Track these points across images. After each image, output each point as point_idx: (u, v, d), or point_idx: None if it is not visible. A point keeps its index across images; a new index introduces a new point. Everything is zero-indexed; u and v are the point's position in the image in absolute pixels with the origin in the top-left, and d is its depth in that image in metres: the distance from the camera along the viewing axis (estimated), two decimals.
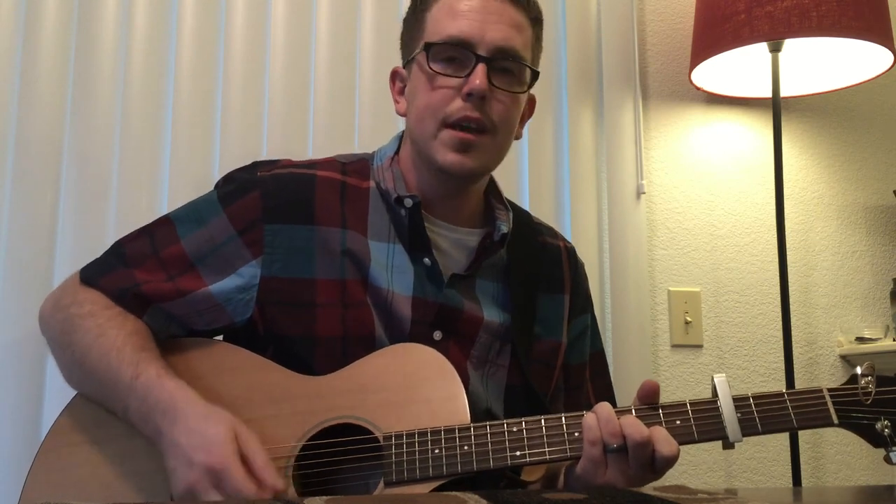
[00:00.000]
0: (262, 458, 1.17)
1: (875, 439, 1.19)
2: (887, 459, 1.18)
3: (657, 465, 1.17)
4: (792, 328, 2.32)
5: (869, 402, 1.19)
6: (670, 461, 1.17)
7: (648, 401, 1.22)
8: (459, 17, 1.35)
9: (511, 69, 1.37)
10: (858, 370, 1.21)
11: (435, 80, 1.35)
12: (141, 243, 1.40)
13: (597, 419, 1.18)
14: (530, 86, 1.42)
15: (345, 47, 2.24)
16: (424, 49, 1.36)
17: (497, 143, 1.38)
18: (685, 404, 1.21)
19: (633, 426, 1.16)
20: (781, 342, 2.32)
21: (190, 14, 2.15)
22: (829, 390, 1.21)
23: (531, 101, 1.50)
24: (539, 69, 1.45)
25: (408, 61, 1.43)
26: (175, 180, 2.09)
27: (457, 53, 1.35)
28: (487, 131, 1.35)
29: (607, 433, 1.17)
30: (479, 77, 1.32)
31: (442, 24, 1.36)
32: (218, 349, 1.38)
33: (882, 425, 1.18)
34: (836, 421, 1.19)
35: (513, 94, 1.37)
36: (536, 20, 1.43)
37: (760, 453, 2.42)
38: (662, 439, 1.17)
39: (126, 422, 1.26)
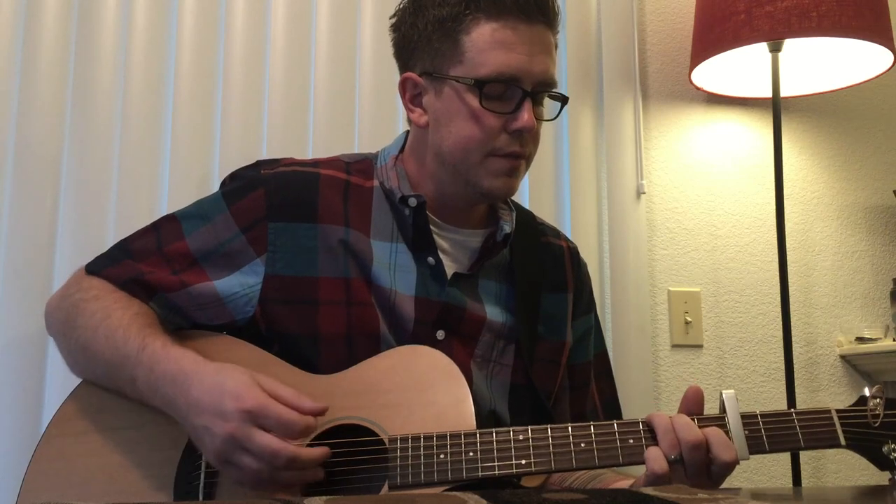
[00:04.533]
0: (288, 390, 1.19)
1: (881, 462, 1.19)
2: (892, 482, 1.18)
3: (713, 471, 1.17)
4: (792, 328, 2.32)
5: (877, 424, 1.19)
6: (729, 466, 1.16)
7: (694, 407, 1.22)
8: (507, 49, 1.33)
9: (546, 98, 1.40)
10: (867, 392, 1.21)
11: (482, 114, 1.34)
12: (146, 240, 1.42)
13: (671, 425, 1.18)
14: (562, 109, 1.45)
15: (345, 47, 2.23)
16: (476, 86, 1.33)
17: (529, 164, 1.42)
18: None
19: (687, 429, 1.17)
20: (781, 342, 2.32)
21: (190, 14, 2.14)
22: (838, 411, 1.21)
23: None
24: None
25: (434, 76, 1.38)
26: (175, 180, 2.08)
27: (506, 89, 1.34)
28: (525, 158, 1.38)
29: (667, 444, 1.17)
30: (527, 113, 1.33)
31: (488, 56, 1.33)
32: (225, 343, 1.39)
33: (889, 448, 1.18)
34: (843, 442, 1.19)
35: (548, 121, 1.42)
36: (557, 30, 1.42)
37: None
38: (720, 443, 1.16)
39: (135, 395, 1.27)
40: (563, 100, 1.43)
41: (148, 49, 2.12)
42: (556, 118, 1.45)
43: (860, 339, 2.52)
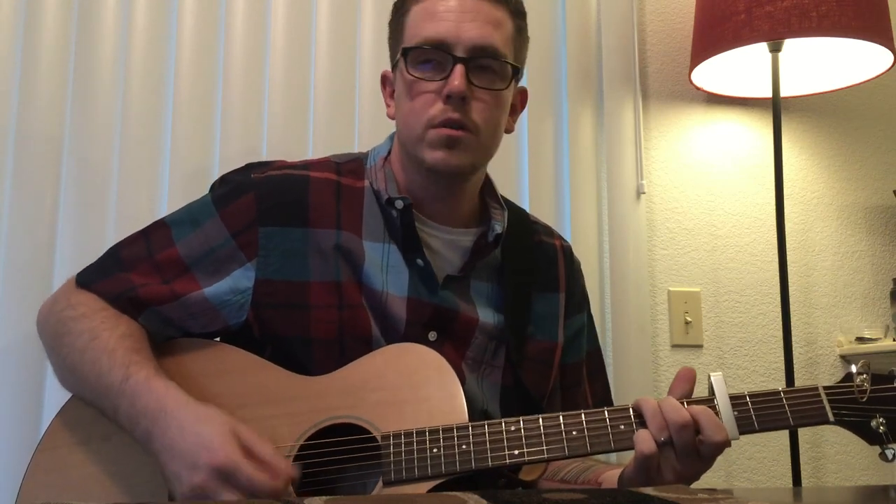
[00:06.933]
0: (266, 448, 1.17)
1: (870, 437, 1.21)
2: (882, 456, 1.20)
3: (703, 452, 1.17)
4: (792, 328, 2.32)
5: (864, 399, 1.20)
6: (720, 447, 1.17)
7: (685, 385, 1.24)
8: (435, 18, 1.35)
9: (491, 67, 1.37)
10: (853, 368, 1.22)
11: (416, 84, 1.36)
12: (137, 247, 1.40)
13: (659, 409, 1.19)
14: (512, 81, 1.41)
15: (345, 47, 2.23)
16: (402, 54, 1.37)
17: (481, 141, 1.38)
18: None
19: (675, 410, 1.18)
20: (781, 342, 2.32)
21: (190, 14, 2.15)
22: (825, 388, 1.22)
23: (522, 94, 1.51)
24: (528, 60, 1.47)
25: (393, 66, 1.44)
26: (175, 180, 2.09)
27: (434, 56, 1.35)
28: (470, 130, 1.35)
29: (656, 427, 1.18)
30: (457, 78, 1.32)
31: (418, 28, 1.37)
32: (215, 350, 1.38)
33: (877, 423, 1.20)
34: (831, 418, 1.20)
35: (494, 91, 1.37)
36: (517, 12, 1.42)
37: (760, 453, 2.43)
38: (710, 423, 1.17)
39: (118, 424, 1.26)
40: (514, 70, 1.40)
41: (148, 49, 2.12)
42: (505, 88, 1.39)
43: (860, 339, 2.52)
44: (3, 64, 2.04)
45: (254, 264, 1.36)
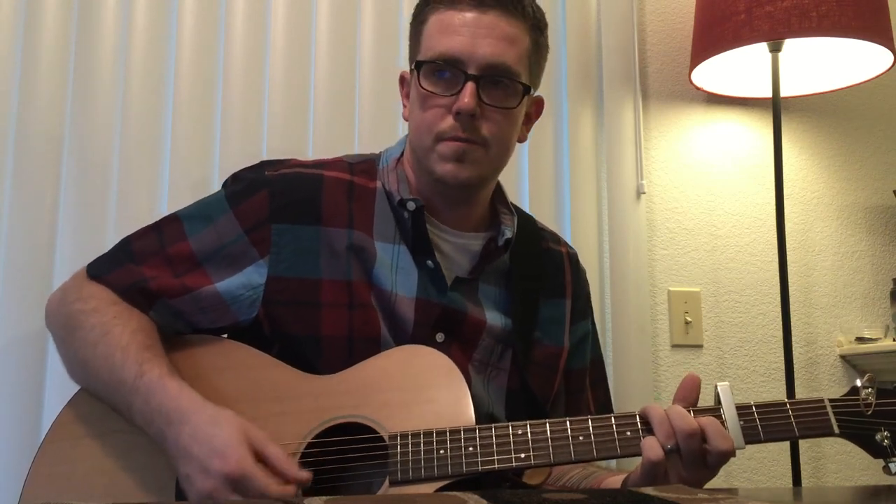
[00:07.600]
0: (278, 453, 1.17)
1: (874, 450, 1.21)
2: (886, 470, 1.21)
3: (710, 461, 1.18)
4: (792, 328, 2.31)
5: (869, 413, 1.21)
6: (726, 455, 1.18)
7: (690, 394, 1.24)
8: (450, 33, 1.35)
9: (503, 83, 1.37)
10: (859, 382, 1.24)
11: (428, 97, 1.37)
12: (149, 240, 1.41)
13: (667, 418, 1.18)
14: (524, 98, 1.41)
15: (345, 47, 2.23)
16: (416, 68, 1.38)
17: (491, 156, 1.39)
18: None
19: (682, 418, 1.17)
20: (781, 342, 2.31)
21: (190, 14, 2.14)
22: (831, 401, 1.23)
23: (538, 104, 1.50)
24: (544, 69, 1.47)
25: (410, 70, 1.44)
26: (175, 180, 2.08)
27: (447, 71, 1.36)
28: (479, 144, 1.36)
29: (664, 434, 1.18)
30: (467, 96, 1.33)
31: (434, 41, 1.37)
32: (225, 346, 1.38)
33: (882, 436, 1.20)
34: (836, 431, 1.21)
35: (504, 109, 1.38)
36: (536, 27, 1.42)
37: (760, 453, 2.43)
38: (716, 432, 1.17)
39: (130, 421, 1.26)
40: (525, 89, 1.40)
41: (148, 49, 2.12)
42: (515, 108, 1.39)
43: (860, 339, 2.52)
44: (3, 64, 2.03)
45: (266, 261, 1.37)
